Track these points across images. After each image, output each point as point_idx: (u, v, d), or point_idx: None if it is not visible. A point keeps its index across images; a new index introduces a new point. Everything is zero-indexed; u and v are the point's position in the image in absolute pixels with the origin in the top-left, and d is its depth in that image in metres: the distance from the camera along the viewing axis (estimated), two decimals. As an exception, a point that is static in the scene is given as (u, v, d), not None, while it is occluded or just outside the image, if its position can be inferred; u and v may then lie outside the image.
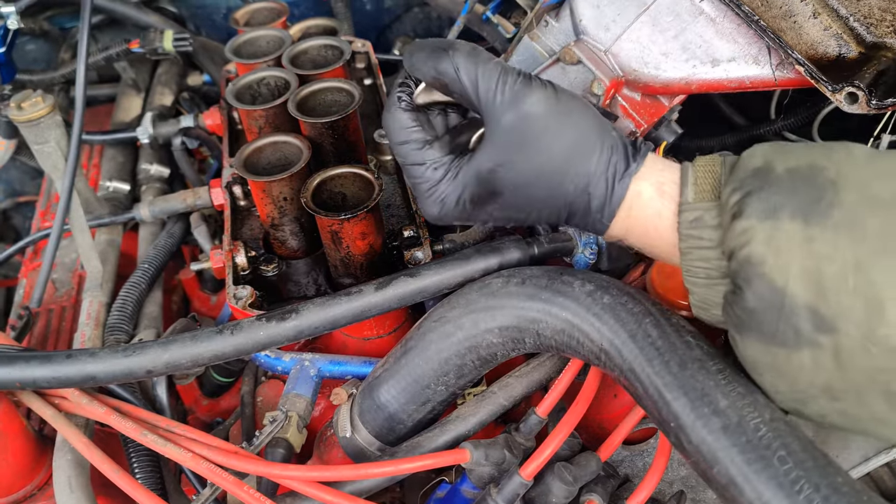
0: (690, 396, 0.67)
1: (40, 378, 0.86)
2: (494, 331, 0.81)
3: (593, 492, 0.84)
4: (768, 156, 0.66)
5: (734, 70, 0.95)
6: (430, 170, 0.76)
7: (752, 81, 0.95)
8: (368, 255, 0.97)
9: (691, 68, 0.97)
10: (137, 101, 1.72)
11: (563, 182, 0.72)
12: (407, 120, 0.76)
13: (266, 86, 1.15)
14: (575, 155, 0.71)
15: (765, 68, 0.94)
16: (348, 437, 0.90)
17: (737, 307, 0.64)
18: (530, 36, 1.14)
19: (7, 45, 1.38)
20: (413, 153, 0.76)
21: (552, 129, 0.71)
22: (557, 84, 0.74)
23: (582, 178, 0.72)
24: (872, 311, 0.57)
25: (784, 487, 0.60)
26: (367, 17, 1.93)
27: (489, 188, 0.74)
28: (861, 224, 0.59)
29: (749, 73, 0.95)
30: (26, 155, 1.65)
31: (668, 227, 0.71)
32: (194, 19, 1.89)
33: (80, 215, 1.22)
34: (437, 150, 0.76)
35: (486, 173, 0.74)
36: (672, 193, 0.71)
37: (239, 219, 1.14)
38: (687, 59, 0.97)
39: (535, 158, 0.72)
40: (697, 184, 0.69)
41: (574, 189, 0.72)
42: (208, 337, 0.85)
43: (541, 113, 0.71)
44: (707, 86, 0.98)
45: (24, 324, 1.28)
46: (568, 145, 0.71)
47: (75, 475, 0.92)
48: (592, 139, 0.72)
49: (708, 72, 0.96)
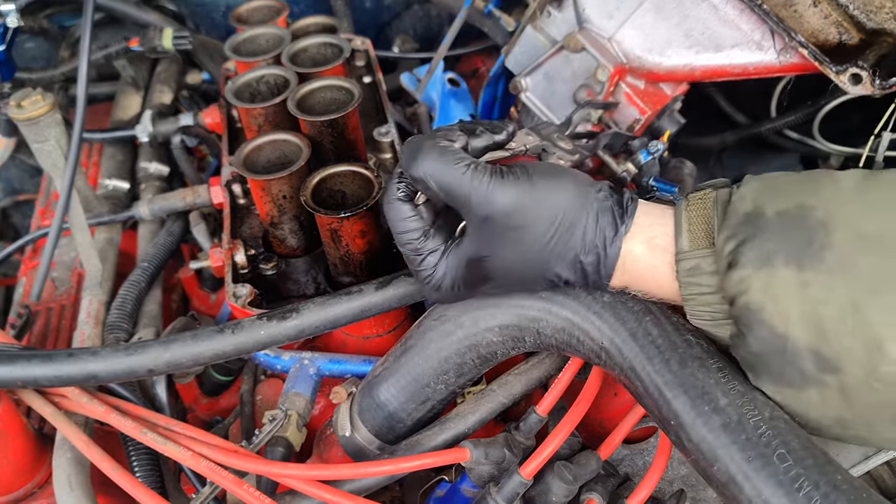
0: (690, 394, 0.67)
1: (42, 377, 0.86)
2: (494, 329, 0.81)
3: (593, 491, 0.84)
4: (758, 199, 0.66)
5: (737, 56, 0.96)
6: (427, 258, 0.77)
7: (755, 67, 0.96)
8: (368, 253, 0.97)
9: (694, 55, 0.97)
10: (137, 100, 1.72)
11: (551, 262, 0.73)
12: (406, 210, 0.78)
13: (265, 84, 1.15)
14: (558, 236, 0.72)
15: (768, 54, 0.94)
16: (348, 435, 0.90)
17: (742, 350, 0.67)
18: (533, 26, 1.14)
19: (7, 44, 1.38)
20: (412, 242, 0.78)
21: (529, 219, 0.71)
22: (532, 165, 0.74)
23: (570, 253, 0.72)
24: (872, 350, 0.58)
25: (784, 485, 0.60)
26: (367, 15, 1.93)
27: (479, 274, 0.76)
28: (853, 265, 0.60)
29: (752, 59, 0.95)
30: (26, 153, 1.65)
31: (665, 277, 0.72)
32: (193, 17, 1.88)
33: (80, 213, 1.22)
34: (432, 239, 0.78)
35: (474, 262, 0.75)
36: (664, 245, 0.72)
37: (238, 217, 1.14)
38: (690, 45, 0.97)
39: (517, 248, 0.73)
40: (691, 230, 0.70)
41: (564, 265, 0.73)
42: (209, 336, 0.85)
43: (516, 207, 0.71)
44: (710, 72, 0.98)
45: (23, 322, 1.28)
46: (548, 230, 0.72)
47: (75, 473, 0.92)
48: (573, 215, 0.72)
49: (711, 58, 0.97)
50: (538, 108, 1.21)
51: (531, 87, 1.20)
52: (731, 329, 0.68)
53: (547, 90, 1.19)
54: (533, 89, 1.21)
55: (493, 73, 1.31)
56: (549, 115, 1.20)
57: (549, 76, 1.17)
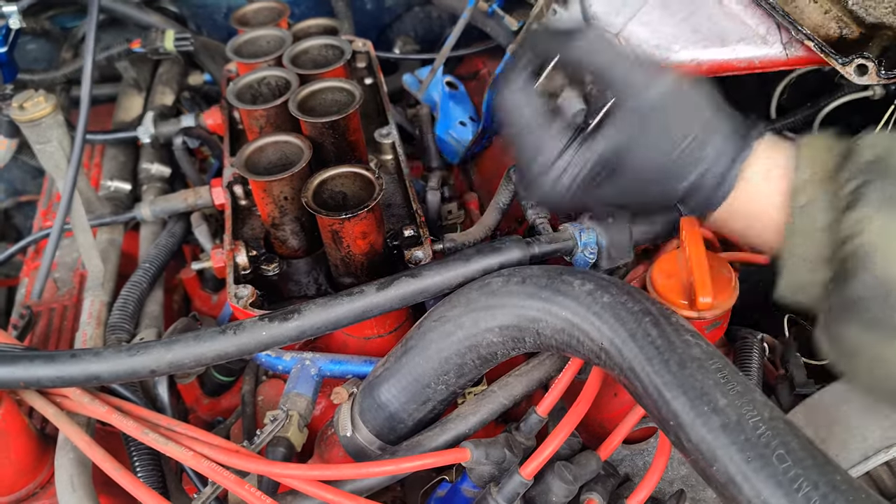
0: (690, 395, 0.67)
1: (44, 377, 0.86)
2: (495, 330, 0.81)
3: (593, 491, 0.84)
4: (883, 146, 0.68)
5: (743, 50, 0.97)
6: (547, 147, 0.76)
7: (760, 61, 0.97)
8: (369, 254, 0.98)
9: (701, 49, 0.98)
10: (139, 101, 1.72)
11: (681, 166, 0.74)
12: (529, 98, 0.77)
13: (267, 85, 1.16)
14: (695, 144, 0.74)
15: (773, 47, 0.96)
16: (349, 436, 0.90)
17: (842, 293, 0.66)
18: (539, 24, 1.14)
19: (9, 45, 1.38)
20: (532, 130, 0.76)
21: (679, 114, 0.74)
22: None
23: (699, 165, 0.74)
24: None
25: (783, 485, 0.60)
26: (368, 17, 1.94)
27: (609, 167, 0.75)
28: None
29: (758, 52, 0.97)
30: (28, 154, 1.65)
31: (774, 208, 0.73)
32: (195, 19, 1.89)
33: (82, 214, 1.23)
34: (556, 128, 0.77)
35: (610, 153, 0.75)
36: (778, 178, 0.73)
37: (240, 218, 1.15)
38: (697, 40, 0.98)
39: (659, 141, 0.74)
40: (812, 167, 0.71)
41: (689, 174, 0.74)
42: (211, 337, 0.85)
43: (670, 98, 0.73)
44: (717, 66, 0.99)
45: (25, 323, 1.28)
46: (687, 135, 0.73)
47: (77, 473, 0.93)
48: (712, 126, 0.74)
49: (717, 52, 0.98)
50: None
51: None
52: (825, 275, 0.68)
53: None
54: None
55: (498, 74, 1.30)
56: None
57: None
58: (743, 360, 0.97)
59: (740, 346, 0.99)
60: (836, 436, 0.86)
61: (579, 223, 0.97)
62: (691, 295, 0.85)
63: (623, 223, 0.96)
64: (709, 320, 0.87)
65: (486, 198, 1.38)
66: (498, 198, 1.11)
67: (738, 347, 0.99)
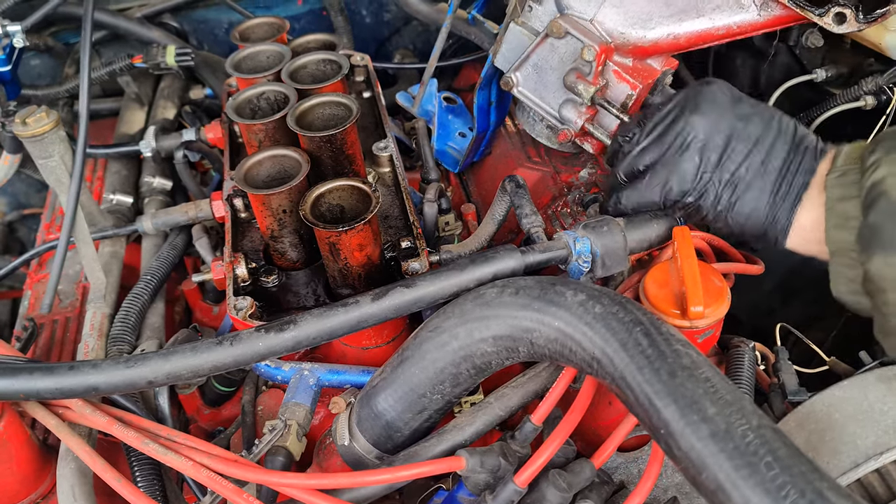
0: (680, 404, 0.68)
1: (43, 389, 0.86)
2: (489, 340, 0.82)
3: (588, 498, 0.85)
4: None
5: (719, 17, 0.97)
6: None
7: (738, 27, 0.97)
8: (366, 266, 0.99)
9: (677, 23, 0.98)
10: (141, 115, 1.74)
11: None
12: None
13: (266, 100, 1.17)
14: None
15: (749, 11, 0.96)
16: (347, 445, 0.91)
17: (864, 229, 0.77)
18: (516, 23, 1.15)
19: (13, 63, 1.40)
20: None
21: None
22: None
23: None
24: None
25: (770, 493, 0.61)
26: (367, 31, 1.96)
27: None
28: None
29: (734, 18, 0.97)
30: (31, 168, 1.67)
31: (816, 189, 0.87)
32: (196, 34, 1.91)
33: (84, 228, 1.24)
34: None
35: None
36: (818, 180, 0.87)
37: (240, 231, 1.16)
38: (671, 13, 0.98)
39: None
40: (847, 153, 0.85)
41: None
42: (208, 348, 0.86)
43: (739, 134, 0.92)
44: (696, 37, 0.99)
45: (28, 335, 1.29)
46: None
47: (79, 484, 0.94)
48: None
49: (694, 24, 0.98)
50: (531, 101, 1.21)
51: (521, 81, 1.20)
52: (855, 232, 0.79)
53: (538, 81, 1.18)
54: (524, 83, 1.20)
55: (485, 76, 1.30)
56: (542, 107, 1.20)
57: (537, 67, 1.17)
58: (735, 369, 0.98)
59: (733, 354, 1.00)
60: (827, 443, 0.87)
61: (573, 231, 0.97)
62: (683, 304, 0.87)
63: (617, 232, 0.96)
64: (701, 329, 0.88)
65: (483, 208, 1.39)
66: (494, 209, 1.12)
67: (730, 356, 1.00)
